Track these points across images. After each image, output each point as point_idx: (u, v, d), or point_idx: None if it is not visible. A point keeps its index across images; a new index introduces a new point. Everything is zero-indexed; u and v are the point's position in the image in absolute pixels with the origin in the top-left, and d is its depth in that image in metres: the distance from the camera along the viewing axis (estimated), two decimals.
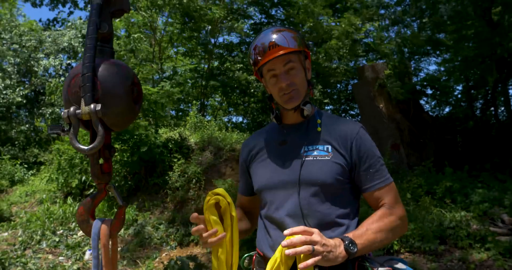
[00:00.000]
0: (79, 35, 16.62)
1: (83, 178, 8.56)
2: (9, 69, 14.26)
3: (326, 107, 12.92)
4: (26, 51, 14.98)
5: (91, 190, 8.48)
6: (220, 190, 1.48)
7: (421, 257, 5.28)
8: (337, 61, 10.46)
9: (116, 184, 7.99)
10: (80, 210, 1.56)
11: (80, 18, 16.65)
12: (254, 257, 1.63)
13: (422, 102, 10.64)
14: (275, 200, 1.54)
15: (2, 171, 11.82)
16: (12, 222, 8.34)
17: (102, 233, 1.50)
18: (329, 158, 1.48)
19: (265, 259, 1.51)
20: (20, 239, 7.28)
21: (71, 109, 1.44)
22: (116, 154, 8.00)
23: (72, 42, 15.96)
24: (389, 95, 8.47)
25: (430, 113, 10.98)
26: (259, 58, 1.51)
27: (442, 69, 11.30)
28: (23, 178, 12.01)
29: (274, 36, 1.49)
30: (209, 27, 11.56)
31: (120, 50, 9.84)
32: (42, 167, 11.52)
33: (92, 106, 1.40)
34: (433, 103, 11.71)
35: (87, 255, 6.46)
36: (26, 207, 9.68)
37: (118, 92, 1.49)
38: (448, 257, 5.16)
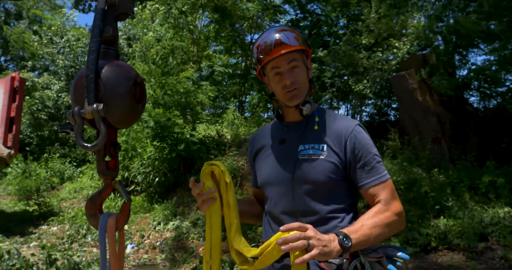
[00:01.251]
0: (124, 37, 17.29)
1: (126, 174, 8.86)
2: (59, 71, 15.00)
3: (367, 101, 12.71)
4: (74, 54, 15.69)
5: (133, 186, 8.79)
6: (216, 161, 1.53)
7: (460, 255, 5.10)
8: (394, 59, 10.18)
9: (156, 180, 8.24)
10: (88, 204, 1.65)
11: (124, 21, 17.22)
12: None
13: (466, 94, 10.20)
14: (273, 196, 1.63)
15: (53, 169, 12.47)
16: (61, 217, 8.80)
17: (109, 227, 1.59)
18: (323, 157, 1.53)
19: None
20: (67, 233, 7.67)
21: (76, 108, 1.53)
22: (156, 151, 8.26)
23: (120, 41, 16.58)
24: (429, 87, 8.19)
25: (476, 105, 10.51)
26: (261, 56, 1.56)
27: (492, 58, 10.76)
28: (72, 176, 12.63)
29: (278, 35, 1.54)
30: (245, 24, 11.62)
31: (161, 52, 10.09)
32: (87, 164, 12.04)
33: (94, 105, 1.48)
34: (479, 95, 11.17)
35: (129, 249, 6.72)
36: (74, 203, 10.19)
37: (120, 92, 1.57)
38: (489, 255, 4.95)
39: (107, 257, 1.62)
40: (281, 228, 1.28)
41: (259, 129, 1.89)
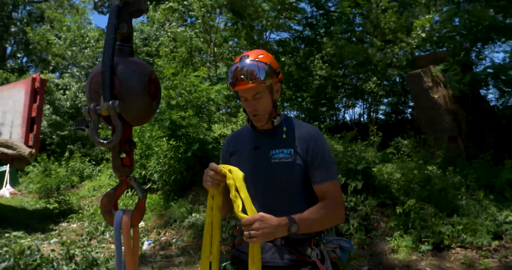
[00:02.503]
0: (141, 37, 17.55)
1: (143, 172, 9.03)
2: (77, 73, 15.30)
3: (383, 100, 12.61)
4: (93, 55, 15.99)
5: (149, 184, 8.94)
6: (236, 175, 1.72)
7: (473, 253, 5.08)
8: (397, 53, 10.08)
9: (172, 178, 8.37)
10: (104, 201, 1.72)
11: (143, 21, 17.47)
12: (237, 228, 2.01)
13: (483, 91, 10.05)
14: (249, 193, 1.82)
15: (74, 168, 12.76)
16: (80, 215, 9.01)
17: (124, 224, 1.64)
18: (291, 160, 1.84)
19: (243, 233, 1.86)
20: (86, 230, 7.87)
21: (91, 105, 1.57)
22: (172, 150, 8.39)
23: (136, 41, 16.86)
24: (445, 85, 8.12)
25: (493, 103, 10.35)
26: (232, 83, 1.81)
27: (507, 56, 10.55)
28: (91, 174, 12.91)
29: (247, 65, 1.78)
30: (262, 23, 11.68)
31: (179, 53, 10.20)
32: (104, 162, 12.28)
33: (110, 102, 1.51)
34: (497, 92, 10.97)
35: (145, 245, 6.85)
36: (93, 200, 10.42)
37: (135, 89, 1.60)
38: (502, 253, 4.92)
39: (122, 253, 1.69)
40: (242, 222, 1.62)
41: (234, 132, 2.18)
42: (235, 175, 1.69)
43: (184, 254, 6.36)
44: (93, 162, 13.59)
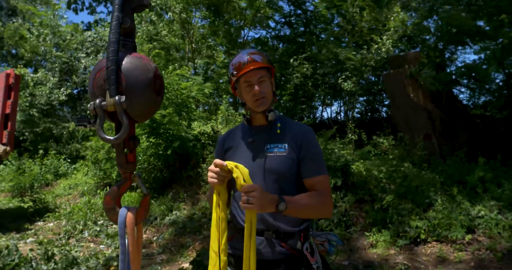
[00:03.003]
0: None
1: None
2: (53, 68, 14.97)
3: (359, 98, 12.84)
4: (68, 51, 15.68)
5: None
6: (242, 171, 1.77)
7: (448, 246, 5.28)
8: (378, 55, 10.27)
9: (152, 176, 8.33)
10: (107, 198, 1.68)
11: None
12: (229, 223, 2.06)
13: (455, 91, 10.38)
14: None
15: (48, 166, 12.50)
16: (57, 213, 8.86)
17: (128, 221, 1.62)
18: (285, 154, 1.93)
19: (235, 227, 2.01)
20: (64, 229, 7.74)
21: (97, 101, 1.54)
22: (152, 147, 8.35)
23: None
24: (421, 84, 8.35)
25: (465, 102, 10.70)
26: (235, 72, 1.94)
27: (482, 56, 10.92)
28: (67, 172, 12.67)
29: (248, 57, 1.93)
30: (238, 21, 11.70)
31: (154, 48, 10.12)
32: (81, 161, 12.08)
33: (117, 97, 1.50)
34: (468, 92, 11.37)
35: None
36: (69, 199, 10.25)
37: (141, 84, 1.59)
38: (475, 246, 5.14)
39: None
40: (241, 189, 1.67)
41: (228, 130, 2.25)
42: (241, 169, 1.73)
43: (166, 252, 6.36)
44: (68, 160, 13.33)
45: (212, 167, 1.78)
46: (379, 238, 5.66)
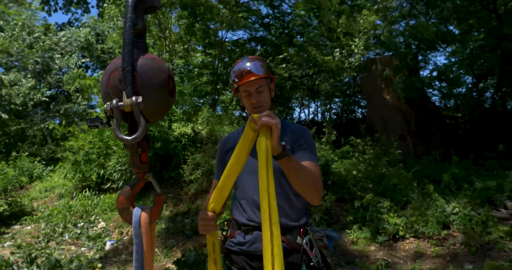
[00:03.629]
0: (93, 33, 17.07)
1: (101, 172, 8.89)
2: (28, 68, 14.66)
3: (335, 99, 13.11)
4: (42, 51, 15.37)
5: (109, 184, 8.82)
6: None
7: (425, 242, 5.52)
8: (351, 57, 10.52)
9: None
10: (120, 198, 1.68)
11: (94, 17, 17.02)
12: (229, 222, 2.15)
13: (428, 93, 10.73)
14: (247, 183, 2.02)
15: (22, 168, 12.22)
16: (35, 216, 8.71)
17: (143, 221, 1.62)
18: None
19: (237, 224, 2.05)
20: (43, 232, 7.62)
21: (114, 101, 1.54)
22: None
23: (89, 37, 16.38)
24: (405, 89, 8.59)
25: (437, 104, 11.09)
26: (236, 80, 2.02)
27: (453, 59, 11.34)
28: (42, 175, 12.41)
29: (248, 64, 2.01)
30: (215, 22, 11.76)
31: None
32: (59, 163, 11.88)
33: (133, 98, 1.51)
34: (440, 94, 11.77)
35: (108, 246, 6.79)
36: (46, 202, 10.08)
37: (155, 85, 1.60)
38: (451, 241, 5.39)
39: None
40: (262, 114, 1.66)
41: (230, 133, 2.31)
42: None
43: None
44: (43, 162, 13.06)
45: (203, 215, 1.82)
46: (359, 235, 5.86)
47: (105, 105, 1.57)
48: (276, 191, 1.88)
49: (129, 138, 1.54)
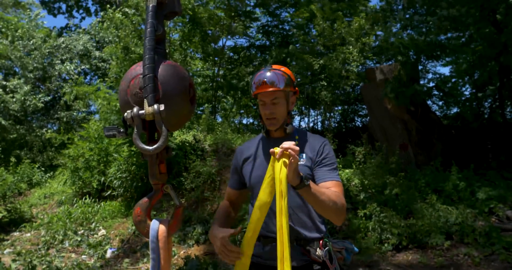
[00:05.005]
0: (92, 40, 17.08)
1: (102, 179, 8.86)
2: (27, 75, 14.64)
3: (335, 108, 13.16)
4: (42, 57, 15.36)
5: (109, 191, 8.78)
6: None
7: (428, 252, 5.52)
8: (348, 65, 10.59)
9: (134, 185, 8.28)
10: (137, 210, 1.63)
11: (94, 24, 17.02)
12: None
13: (429, 102, 10.79)
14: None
15: (21, 175, 12.17)
16: (34, 223, 8.65)
17: (161, 235, 1.59)
18: (303, 163, 1.97)
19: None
20: (43, 239, 7.57)
21: (135, 110, 1.49)
22: (133, 157, 8.32)
23: (88, 46, 16.38)
24: (397, 96, 8.63)
25: (438, 113, 11.13)
26: (254, 88, 1.98)
27: (450, 70, 11.43)
28: (41, 181, 12.36)
29: (268, 74, 1.96)
30: (216, 29, 11.81)
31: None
32: (59, 170, 11.83)
33: (155, 106, 1.46)
34: (440, 103, 11.84)
35: (109, 254, 6.75)
36: (45, 208, 10.02)
37: (176, 93, 1.56)
38: (454, 252, 5.39)
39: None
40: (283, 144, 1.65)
41: (247, 141, 2.30)
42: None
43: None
44: (42, 168, 13.02)
45: (227, 248, 1.76)
46: (362, 245, 5.85)
47: (125, 114, 1.53)
48: (296, 204, 1.95)
49: (151, 148, 1.49)
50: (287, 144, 1.63)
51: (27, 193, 11.86)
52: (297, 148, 1.63)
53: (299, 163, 1.86)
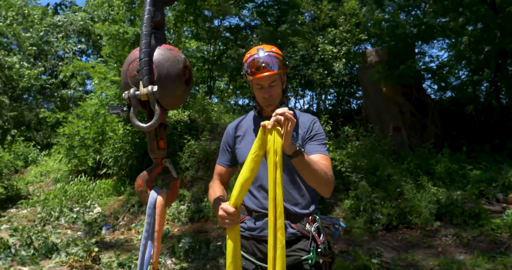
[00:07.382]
0: (88, 18, 16.87)
1: (97, 157, 8.91)
2: (26, 53, 14.52)
3: (330, 90, 13.16)
4: (38, 34, 15.21)
5: (104, 170, 8.85)
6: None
7: (418, 233, 5.63)
8: (339, 45, 10.55)
9: (129, 163, 8.33)
10: (138, 181, 1.80)
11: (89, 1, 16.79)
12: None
13: (425, 86, 10.79)
14: (259, 170, 2.00)
15: (17, 152, 12.21)
16: (30, 200, 8.74)
17: (158, 203, 1.74)
18: (294, 141, 1.90)
19: (247, 210, 2.07)
20: (39, 215, 7.66)
21: (131, 90, 1.65)
22: (128, 135, 8.35)
23: (86, 21, 16.22)
24: (386, 77, 8.58)
25: (433, 96, 11.15)
26: (250, 72, 2.00)
27: (450, 53, 11.36)
28: (36, 159, 12.42)
29: (264, 57, 1.98)
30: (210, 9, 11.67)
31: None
32: (54, 147, 11.86)
33: (149, 87, 1.60)
34: (435, 86, 11.83)
35: (104, 230, 6.85)
36: (42, 186, 10.10)
37: (171, 75, 1.68)
38: (443, 233, 5.51)
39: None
40: (277, 111, 1.64)
41: (238, 119, 2.31)
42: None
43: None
44: (38, 147, 13.05)
45: (227, 208, 1.72)
46: (353, 224, 5.95)
47: (123, 94, 1.68)
48: (287, 180, 1.99)
49: (145, 125, 1.64)
50: (281, 109, 1.64)
51: (24, 171, 11.93)
52: (292, 111, 1.64)
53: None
